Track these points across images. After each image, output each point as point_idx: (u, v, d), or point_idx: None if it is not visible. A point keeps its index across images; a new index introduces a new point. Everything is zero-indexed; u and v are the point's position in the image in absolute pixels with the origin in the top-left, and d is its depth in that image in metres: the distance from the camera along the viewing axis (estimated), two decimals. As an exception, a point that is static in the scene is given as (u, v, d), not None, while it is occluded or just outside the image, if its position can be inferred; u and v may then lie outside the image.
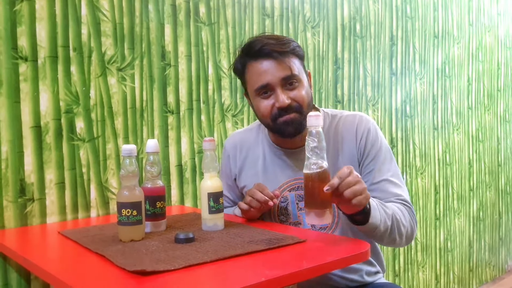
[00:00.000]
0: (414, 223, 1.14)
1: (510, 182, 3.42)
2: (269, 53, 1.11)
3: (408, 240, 1.13)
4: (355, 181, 0.93)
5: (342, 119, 1.22)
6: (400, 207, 1.12)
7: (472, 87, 3.00)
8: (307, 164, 0.93)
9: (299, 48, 1.16)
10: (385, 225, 1.04)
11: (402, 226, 1.09)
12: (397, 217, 1.08)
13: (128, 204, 0.99)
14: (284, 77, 1.11)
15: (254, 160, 1.27)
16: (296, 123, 1.13)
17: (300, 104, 1.13)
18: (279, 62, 1.11)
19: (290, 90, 1.12)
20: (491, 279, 3.20)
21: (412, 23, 2.52)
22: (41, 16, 1.27)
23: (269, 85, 1.12)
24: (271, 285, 0.77)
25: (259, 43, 1.12)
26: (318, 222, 0.93)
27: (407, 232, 1.11)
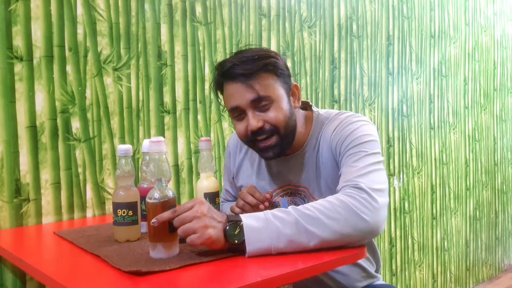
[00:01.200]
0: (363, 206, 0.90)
1: (506, 181, 3.43)
2: (235, 76, 1.05)
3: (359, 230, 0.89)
4: (190, 217, 0.84)
5: (328, 124, 1.14)
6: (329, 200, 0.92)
7: (468, 87, 3.00)
8: (151, 192, 0.86)
9: (274, 64, 1.06)
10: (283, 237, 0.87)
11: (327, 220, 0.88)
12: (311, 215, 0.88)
13: (124, 204, 0.98)
14: (252, 99, 1.04)
15: (251, 162, 1.27)
16: (275, 147, 1.08)
17: (275, 126, 1.06)
18: (245, 84, 1.04)
19: (263, 111, 1.05)
20: (487, 278, 3.21)
21: (409, 23, 2.52)
22: (36, 15, 1.26)
23: (239, 108, 1.06)
24: (267, 285, 0.77)
25: (228, 64, 1.05)
26: (166, 255, 0.85)
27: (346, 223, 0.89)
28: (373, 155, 1.02)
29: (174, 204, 0.87)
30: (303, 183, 1.17)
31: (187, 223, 0.84)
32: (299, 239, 0.87)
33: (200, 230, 0.84)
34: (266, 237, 0.86)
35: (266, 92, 1.04)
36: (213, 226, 0.85)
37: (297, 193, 1.19)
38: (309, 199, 1.16)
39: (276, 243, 0.87)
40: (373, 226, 0.90)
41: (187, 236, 0.84)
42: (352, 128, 1.07)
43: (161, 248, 0.86)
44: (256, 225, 0.87)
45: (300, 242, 0.88)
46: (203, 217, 0.85)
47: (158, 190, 0.86)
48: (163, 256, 0.85)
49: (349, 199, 0.91)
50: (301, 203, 1.15)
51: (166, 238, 0.86)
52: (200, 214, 0.85)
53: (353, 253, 0.91)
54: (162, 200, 0.86)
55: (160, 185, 0.86)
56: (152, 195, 0.86)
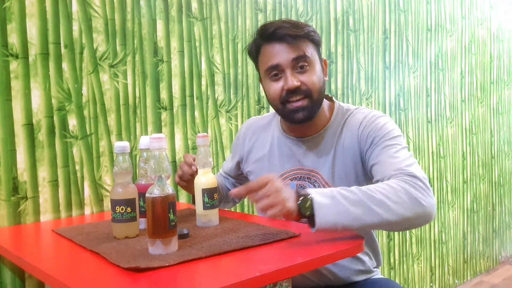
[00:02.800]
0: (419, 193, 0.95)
1: (503, 174, 3.44)
2: (282, 37, 1.10)
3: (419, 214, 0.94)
4: (270, 192, 0.91)
5: (352, 116, 1.19)
6: (388, 183, 0.96)
7: (465, 80, 3.01)
8: (151, 188, 0.87)
9: (314, 34, 1.14)
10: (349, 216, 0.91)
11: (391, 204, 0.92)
12: (375, 197, 0.92)
13: (122, 201, 0.98)
14: (295, 57, 1.10)
15: (262, 146, 1.29)
16: (306, 109, 1.12)
17: (309, 88, 1.11)
18: (291, 45, 1.10)
19: (301, 73, 1.11)
20: (485, 270, 3.23)
21: (405, 17, 2.52)
22: (31, 12, 1.26)
23: (279, 66, 1.11)
24: (266, 280, 0.78)
25: (273, 26, 1.12)
26: (165, 251, 0.86)
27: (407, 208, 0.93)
28: (407, 149, 1.11)
29: (174, 200, 0.87)
30: (316, 167, 1.19)
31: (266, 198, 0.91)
32: (364, 217, 0.92)
33: (280, 204, 0.90)
34: (334, 213, 0.91)
35: (308, 53, 1.11)
36: (289, 200, 0.91)
37: (307, 178, 1.20)
38: (321, 184, 1.18)
39: (343, 220, 0.91)
40: (429, 211, 0.96)
41: (268, 210, 0.90)
42: (382, 122, 1.13)
43: (159, 244, 0.86)
44: (325, 201, 0.92)
45: (365, 220, 0.92)
46: (280, 191, 0.91)
47: (158, 187, 0.86)
48: (162, 252, 0.86)
49: (408, 186, 0.96)
50: (309, 187, 1.18)
51: (165, 234, 0.86)
52: (277, 189, 0.91)
53: (351, 246, 0.91)
54: (162, 197, 0.86)
55: (160, 182, 0.87)
56: (152, 191, 0.86)
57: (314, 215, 0.90)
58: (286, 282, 0.87)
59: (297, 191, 0.95)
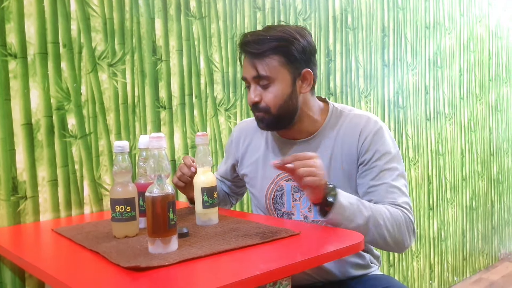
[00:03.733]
0: (408, 231, 1.11)
1: (502, 171, 3.45)
2: (247, 51, 1.15)
3: (397, 246, 1.11)
4: (312, 163, 1.00)
5: (348, 118, 1.21)
6: (391, 211, 1.09)
7: (463, 78, 3.01)
8: (150, 187, 0.87)
9: (288, 48, 1.12)
10: (353, 223, 1.04)
11: (384, 230, 1.07)
12: (379, 221, 1.06)
13: (121, 200, 0.99)
14: (254, 76, 1.14)
15: (256, 148, 1.30)
16: (264, 122, 1.17)
17: (268, 106, 1.14)
18: (251, 62, 1.14)
19: (263, 88, 1.15)
20: (484, 267, 3.23)
21: (404, 14, 2.52)
22: (29, 12, 1.26)
23: (246, 80, 1.17)
24: (266, 278, 0.78)
25: (244, 39, 1.15)
26: (165, 251, 0.86)
27: (393, 237, 1.09)
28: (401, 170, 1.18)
29: (173, 199, 0.87)
30: None
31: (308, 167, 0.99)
32: (361, 230, 1.03)
33: (319, 176, 1.00)
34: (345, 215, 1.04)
35: (266, 72, 1.13)
36: (322, 177, 1.01)
37: None
38: None
39: (347, 224, 1.04)
40: (406, 248, 1.14)
41: (308, 176, 0.99)
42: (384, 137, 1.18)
43: (159, 243, 0.86)
44: (345, 203, 1.04)
45: (359, 231, 1.02)
46: (322, 168, 1.02)
47: (157, 186, 0.86)
48: (161, 251, 0.86)
49: (404, 223, 1.11)
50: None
51: (165, 234, 0.86)
52: (321, 166, 1.02)
53: (351, 245, 0.92)
54: (162, 196, 0.86)
55: (159, 181, 0.87)
56: (152, 190, 0.86)
57: (332, 207, 1.03)
58: (286, 280, 0.87)
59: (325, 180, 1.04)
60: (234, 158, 1.36)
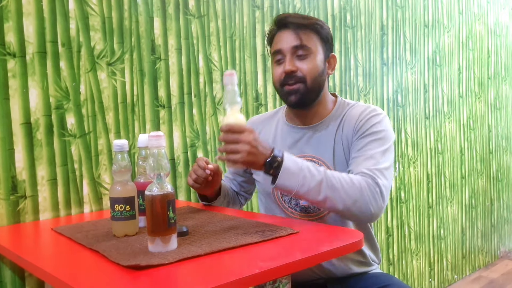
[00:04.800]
0: (374, 196, 1.06)
1: (501, 169, 3.45)
2: (287, 24, 1.19)
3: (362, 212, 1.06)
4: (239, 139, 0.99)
5: (352, 108, 1.25)
6: (352, 178, 1.07)
7: (462, 76, 3.01)
8: (150, 186, 0.87)
9: (321, 28, 1.21)
10: (304, 188, 1.03)
11: (343, 194, 1.04)
12: (334, 184, 1.04)
13: (121, 199, 0.99)
14: (295, 45, 1.18)
15: (266, 137, 1.32)
16: (298, 93, 1.19)
17: (304, 75, 1.18)
18: (294, 32, 1.18)
19: (299, 60, 1.19)
20: (484, 265, 3.24)
21: (402, 13, 2.52)
22: (28, 11, 1.25)
23: (281, 51, 1.20)
24: (265, 276, 0.78)
25: (285, 15, 1.22)
26: (165, 249, 0.86)
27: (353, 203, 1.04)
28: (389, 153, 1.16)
29: (173, 198, 0.87)
30: (317, 154, 1.24)
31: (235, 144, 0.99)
32: (315, 195, 1.04)
33: (244, 153, 0.99)
34: (294, 181, 1.03)
35: (308, 43, 1.19)
36: (254, 153, 1.00)
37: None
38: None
39: (299, 188, 1.03)
40: (373, 216, 1.08)
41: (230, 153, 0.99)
42: (376, 120, 1.19)
43: (159, 242, 0.86)
44: (292, 168, 1.03)
45: (315, 197, 1.04)
46: (249, 143, 0.99)
47: (157, 185, 0.86)
48: (161, 250, 0.86)
49: (366, 187, 1.06)
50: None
51: (164, 232, 0.86)
52: (248, 141, 0.99)
53: (351, 243, 0.92)
54: (161, 195, 0.86)
55: (159, 180, 0.87)
56: (151, 189, 0.86)
57: (277, 176, 1.03)
58: (286, 278, 0.87)
59: (272, 150, 1.04)
60: None
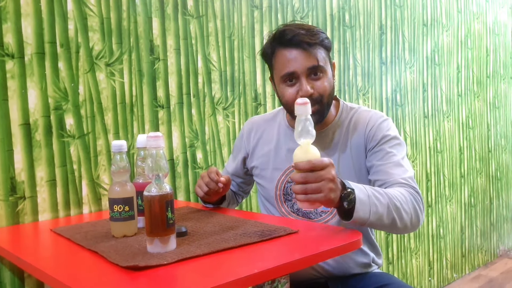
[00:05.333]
0: (420, 208, 1.09)
1: (500, 168, 3.45)
2: (298, 43, 1.14)
3: (414, 226, 1.09)
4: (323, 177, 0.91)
5: (357, 113, 1.25)
6: (402, 193, 1.07)
7: (461, 75, 3.01)
8: (148, 187, 0.87)
9: (327, 40, 1.19)
10: (376, 215, 1.00)
11: (403, 213, 1.05)
12: (396, 204, 1.04)
13: (120, 200, 0.99)
14: (310, 67, 1.14)
15: (268, 141, 1.31)
16: (317, 114, 1.16)
17: (321, 95, 1.16)
18: (307, 52, 1.14)
19: (314, 80, 1.16)
20: (483, 264, 3.24)
21: (401, 12, 2.52)
22: (26, 12, 1.25)
23: (295, 73, 1.15)
24: (264, 276, 0.78)
25: (291, 33, 1.14)
26: (164, 250, 0.86)
27: (411, 219, 1.06)
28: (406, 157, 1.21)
29: (172, 198, 0.88)
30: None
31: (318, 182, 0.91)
32: (384, 219, 1.02)
33: (326, 191, 0.92)
34: (367, 210, 0.99)
35: (323, 63, 1.16)
36: (335, 190, 0.94)
37: None
38: None
39: (372, 217, 1.00)
40: (419, 225, 1.11)
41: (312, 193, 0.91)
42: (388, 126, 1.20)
43: (158, 243, 0.86)
44: (363, 198, 0.99)
45: (383, 222, 1.02)
46: (333, 181, 0.93)
47: (155, 185, 0.87)
48: (160, 251, 0.86)
49: (413, 199, 1.08)
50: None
51: (163, 233, 0.86)
52: (331, 177, 0.92)
53: (349, 242, 0.92)
54: (160, 195, 0.86)
55: (157, 180, 0.87)
56: (150, 190, 0.86)
57: (354, 210, 0.97)
58: (284, 278, 0.88)
59: (342, 182, 0.98)
60: (245, 151, 1.37)
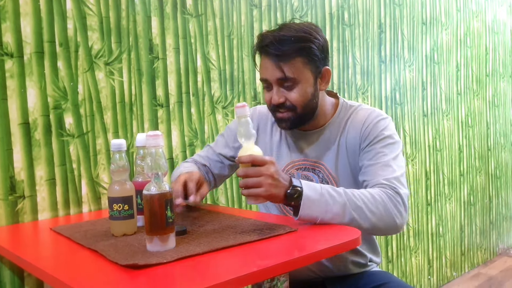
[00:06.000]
0: (396, 209, 1.05)
1: (499, 166, 3.46)
2: (269, 53, 1.14)
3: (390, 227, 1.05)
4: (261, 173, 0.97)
5: (355, 112, 1.24)
6: (372, 193, 1.05)
7: (460, 73, 3.01)
8: (148, 186, 0.87)
9: (308, 49, 1.13)
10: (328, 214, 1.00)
11: (367, 212, 1.02)
12: (357, 203, 1.02)
13: (119, 198, 0.99)
14: (279, 78, 1.14)
15: (270, 135, 1.31)
16: (289, 121, 1.18)
17: (293, 105, 1.15)
18: (276, 64, 1.13)
19: (287, 89, 1.15)
20: (482, 262, 3.25)
21: (400, 10, 2.52)
22: (25, 11, 1.25)
23: (267, 81, 1.17)
24: (263, 274, 0.78)
25: (266, 40, 1.14)
26: (163, 248, 0.86)
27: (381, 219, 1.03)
28: (400, 157, 1.17)
29: (171, 197, 0.88)
30: (320, 159, 1.23)
31: (257, 177, 0.97)
32: (341, 218, 1.02)
33: (266, 187, 0.97)
34: (317, 208, 1.00)
35: (293, 74, 1.13)
36: (276, 186, 0.98)
37: (311, 168, 1.24)
38: (325, 174, 1.23)
39: (323, 216, 1.01)
40: (399, 227, 1.08)
41: (252, 187, 0.97)
42: (384, 125, 1.19)
43: (157, 241, 0.86)
44: (313, 196, 1.00)
45: (340, 221, 1.02)
46: (272, 177, 0.98)
47: (155, 184, 0.87)
48: (160, 249, 0.86)
49: (388, 200, 1.06)
50: (314, 178, 1.23)
51: (163, 231, 0.86)
52: (270, 173, 0.97)
53: (348, 241, 0.92)
54: (159, 194, 0.86)
55: (157, 179, 0.87)
56: (149, 188, 0.87)
57: (300, 207, 0.99)
58: (284, 276, 0.88)
59: (290, 180, 1.02)
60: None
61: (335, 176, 1.22)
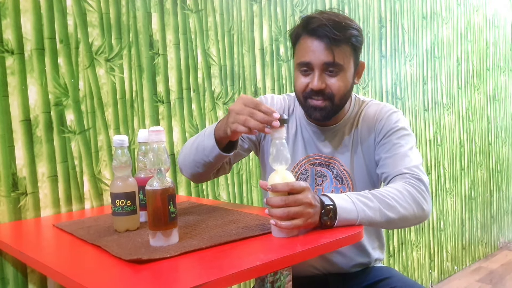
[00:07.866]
0: (423, 198, 1.05)
1: (500, 161, 3.46)
2: (321, 35, 1.09)
3: (419, 217, 1.05)
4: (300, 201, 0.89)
5: (367, 107, 1.23)
6: (398, 188, 1.04)
7: (461, 67, 3.01)
8: (150, 181, 0.87)
9: (355, 39, 1.12)
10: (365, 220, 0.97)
11: (401, 209, 1.01)
12: (389, 203, 1.00)
13: (122, 194, 0.99)
14: (327, 62, 1.10)
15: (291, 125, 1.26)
16: (324, 110, 1.14)
17: (333, 93, 1.12)
18: (327, 46, 1.09)
19: (329, 76, 1.12)
20: (483, 256, 3.25)
21: (401, 5, 2.51)
22: (25, 8, 1.25)
23: (310, 64, 1.12)
24: (266, 268, 0.78)
25: (317, 22, 1.10)
26: (166, 243, 0.86)
27: (413, 212, 1.03)
28: (415, 147, 1.18)
29: (173, 192, 0.88)
30: (335, 155, 1.22)
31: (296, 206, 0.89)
32: (377, 220, 0.99)
33: (306, 216, 0.90)
34: (354, 216, 0.96)
35: (341, 60, 1.11)
36: (314, 214, 0.92)
37: (325, 164, 1.23)
38: (339, 170, 1.22)
39: (360, 221, 0.97)
40: (427, 214, 1.07)
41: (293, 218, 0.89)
42: (396, 118, 1.19)
43: (160, 236, 0.86)
44: (347, 206, 0.96)
45: (376, 222, 0.99)
46: (311, 205, 0.91)
47: (157, 179, 0.87)
48: (163, 244, 0.86)
49: (414, 190, 1.05)
50: (328, 174, 1.22)
51: (166, 226, 0.87)
52: (309, 201, 0.91)
53: (351, 234, 0.92)
54: (162, 189, 0.86)
55: (159, 174, 0.87)
56: (152, 184, 0.87)
57: (337, 218, 0.94)
58: (287, 270, 0.88)
59: (321, 201, 0.94)
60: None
61: (350, 172, 1.21)
